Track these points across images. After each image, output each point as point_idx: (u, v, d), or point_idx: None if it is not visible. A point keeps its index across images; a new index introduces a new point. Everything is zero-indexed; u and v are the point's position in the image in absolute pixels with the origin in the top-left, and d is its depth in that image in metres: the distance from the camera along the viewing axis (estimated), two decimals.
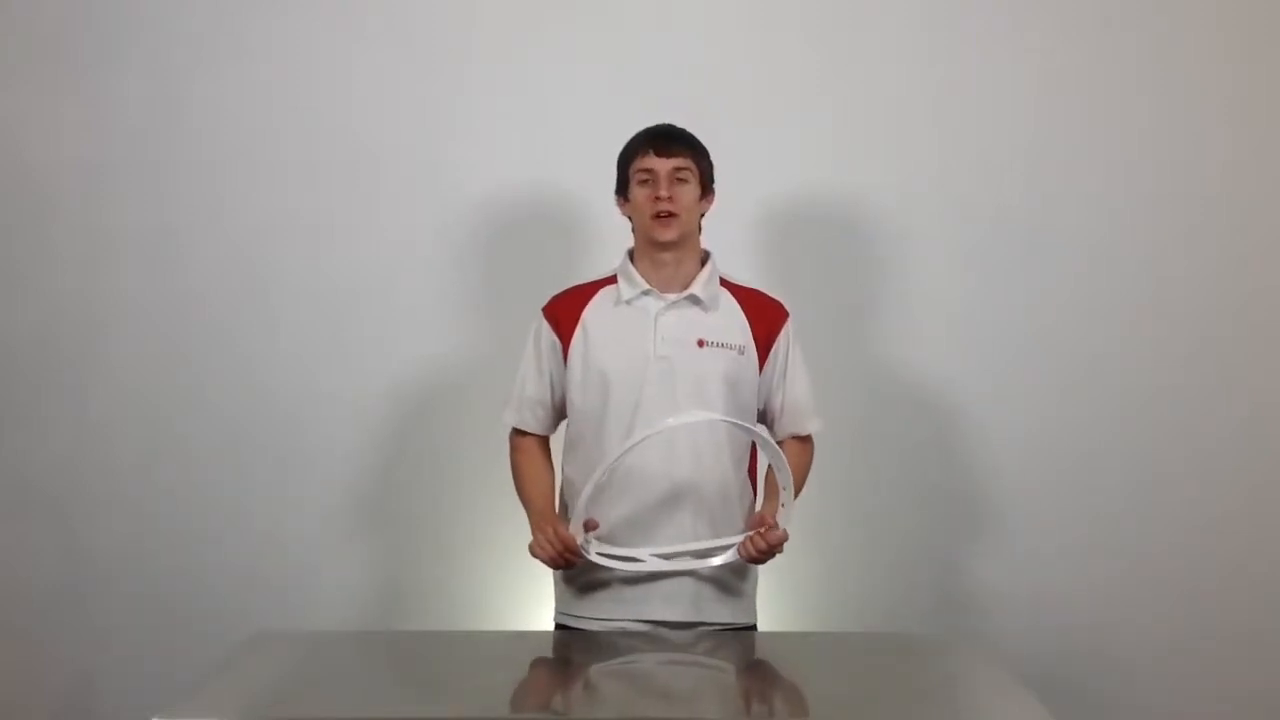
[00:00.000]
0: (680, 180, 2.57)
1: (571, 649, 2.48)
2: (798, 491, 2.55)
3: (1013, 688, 2.09)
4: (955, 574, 3.37)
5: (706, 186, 2.62)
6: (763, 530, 2.49)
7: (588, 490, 2.43)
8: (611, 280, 2.64)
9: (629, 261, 2.63)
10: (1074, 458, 3.35)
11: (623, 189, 2.63)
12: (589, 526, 2.49)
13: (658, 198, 2.55)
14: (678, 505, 2.53)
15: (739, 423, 2.47)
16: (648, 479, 2.52)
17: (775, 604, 2.83)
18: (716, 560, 2.53)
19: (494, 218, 3.36)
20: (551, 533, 2.49)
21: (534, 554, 2.53)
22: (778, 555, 2.53)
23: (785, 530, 2.49)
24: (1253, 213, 3.37)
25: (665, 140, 2.59)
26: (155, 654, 3.29)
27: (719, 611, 2.57)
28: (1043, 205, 3.35)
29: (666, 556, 2.52)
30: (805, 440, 2.68)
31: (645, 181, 2.57)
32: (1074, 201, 3.36)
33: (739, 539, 2.52)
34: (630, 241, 2.65)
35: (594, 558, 2.49)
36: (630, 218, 2.64)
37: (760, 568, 2.61)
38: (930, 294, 3.36)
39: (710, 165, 2.63)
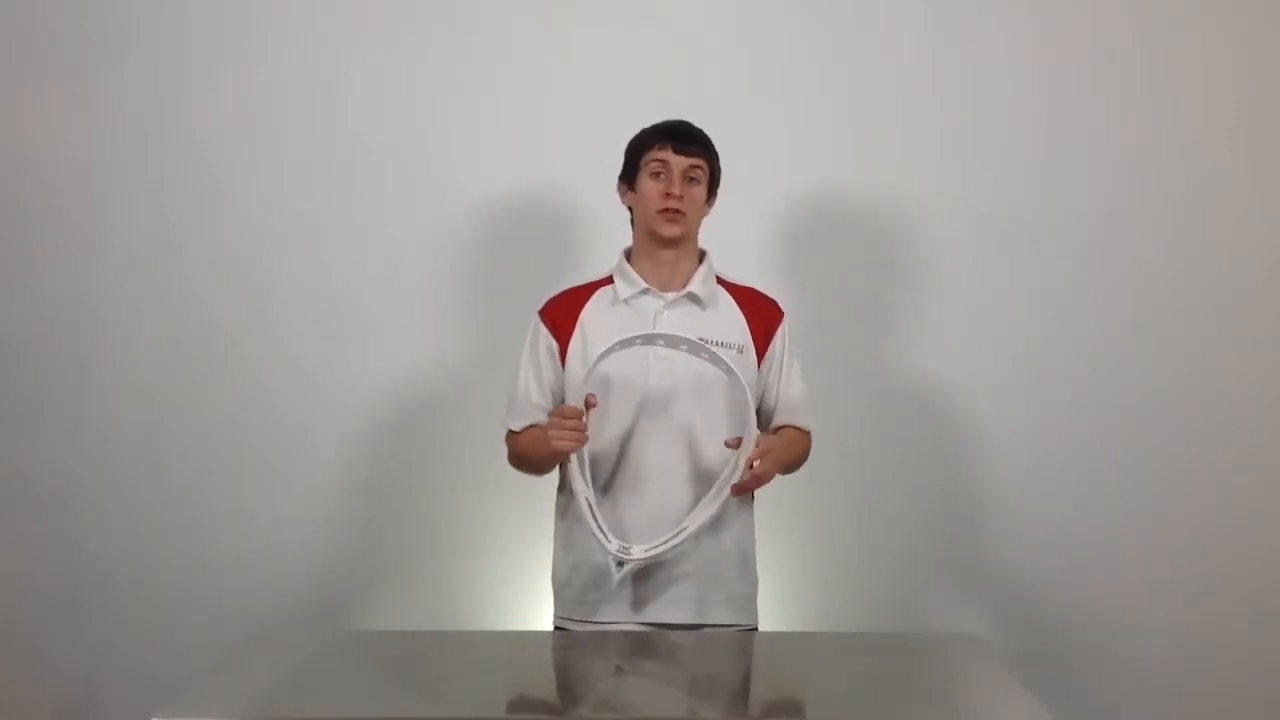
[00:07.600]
0: (692, 180, 2.56)
1: (571, 649, 2.47)
2: (794, 468, 2.60)
3: (1013, 688, 2.08)
4: (955, 574, 3.37)
5: (712, 190, 2.61)
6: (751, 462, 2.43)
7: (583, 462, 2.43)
8: (608, 281, 2.62)
9: (625, 261, 2.62)
10: (1076, 458, 3.35)
11: (628, 177, 2.61)
12: (589, 404, 2.43)
13: (669, 194, 2.54)
14: (689, 496, 2.50)
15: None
16: (655, 473, 2.51)
17: (775, 604, 2.82)
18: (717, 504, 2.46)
19: (494, 218, 3.36)
20: (556, 419, 2.41)
21: (559, 448, 2.42)
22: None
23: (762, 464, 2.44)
24: (1255, 213, 3.37)
25: (685, 137, 2.57)
26: (155, 654, 3.29)
27: (721, 613, 2.55)
28: (1046, 205, 3.35)
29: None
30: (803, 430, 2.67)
31: (658, 174, 2.55)
32: (1078, 201, 3.35)
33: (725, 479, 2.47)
34: (628, 239, 2.64)
35: (638, 557, 2.42)
36: (631, 208, 2.62)
37: (760, 568, 2.62)
38: (932, 294, 3.35)
39: (719, 171, 2.62)
